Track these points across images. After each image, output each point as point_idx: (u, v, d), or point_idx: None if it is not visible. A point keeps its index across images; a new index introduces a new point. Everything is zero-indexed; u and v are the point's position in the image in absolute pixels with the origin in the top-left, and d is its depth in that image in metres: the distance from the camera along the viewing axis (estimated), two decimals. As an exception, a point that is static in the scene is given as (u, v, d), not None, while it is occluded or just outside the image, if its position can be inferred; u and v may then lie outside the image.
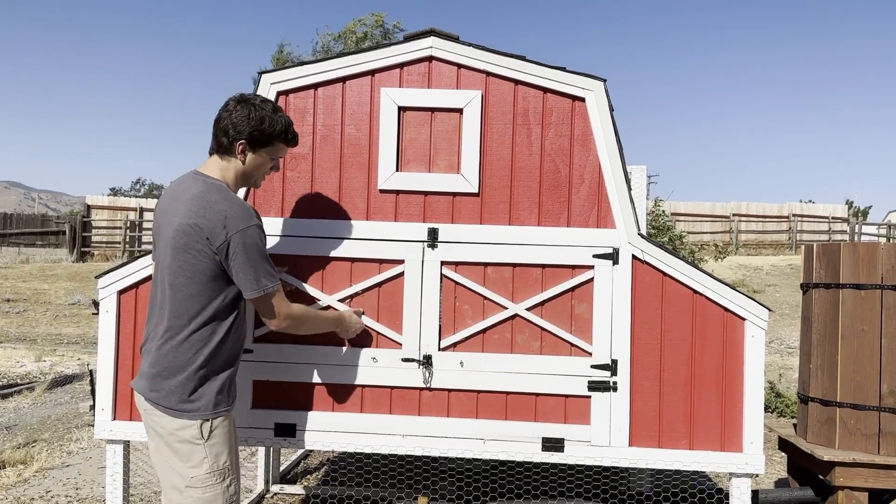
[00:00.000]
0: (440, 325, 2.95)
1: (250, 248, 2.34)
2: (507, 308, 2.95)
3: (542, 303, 2.95)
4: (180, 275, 2.35)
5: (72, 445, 6.05)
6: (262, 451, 4.54)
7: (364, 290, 2.97)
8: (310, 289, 2.97)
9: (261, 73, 3.01)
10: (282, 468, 4.97)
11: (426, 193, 2.99)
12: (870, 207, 35.83)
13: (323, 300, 2.97)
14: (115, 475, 3.02)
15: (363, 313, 2.94)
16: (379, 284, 2.97)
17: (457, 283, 2.96)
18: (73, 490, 4.94)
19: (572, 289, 2.94)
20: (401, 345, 2.95)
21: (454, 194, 2.98)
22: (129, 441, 3.03)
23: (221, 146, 2.45)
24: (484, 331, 2.96)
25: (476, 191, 2.97)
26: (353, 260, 2.98)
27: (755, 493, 3.22)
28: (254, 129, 2.43)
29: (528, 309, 2.95)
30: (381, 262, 2.97)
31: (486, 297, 2.96)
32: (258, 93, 2.96)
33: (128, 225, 25.94)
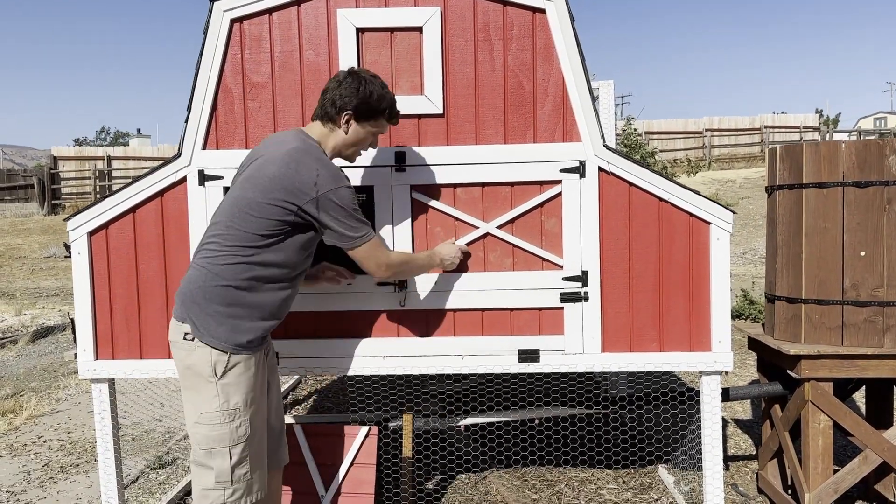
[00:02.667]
0: (413, 248, 2.98)
1: (344, 204, 2.40)
2: (478, 228, 2.98)
3: (513, 220, 2.98)
4: (246, 211, 2.36)
5: (60, 393, 6.11)
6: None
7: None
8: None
9: (213, 1, 2.92)
10: (270, 400, 5.07)
11: (391, 117, 2.96)
12: (839, 115, 36.04)
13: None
14: (102, 413, 3.07)
15: (455, 241, 2.95)
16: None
17: (427, 205, 2.98)
18: (65, 434, 5.02)
19: (541, 204, 2.97)
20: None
21: (419, 116, 2.97)
22: (113, 379, 3.08)
23: (327, 114, 2.50)
24: (456, 250, 2.99)
25: (441, 112, 2.95)
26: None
27: (725, 390, 3.35)
28: (360, 102, 2.47)
29: (499, 227, 2.98)
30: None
31: (456, 218, 2.99)
32: (211, 21, 2.90)
33: (97, 174, 25.48)
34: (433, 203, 2.97)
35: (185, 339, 2.37)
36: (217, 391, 2.35)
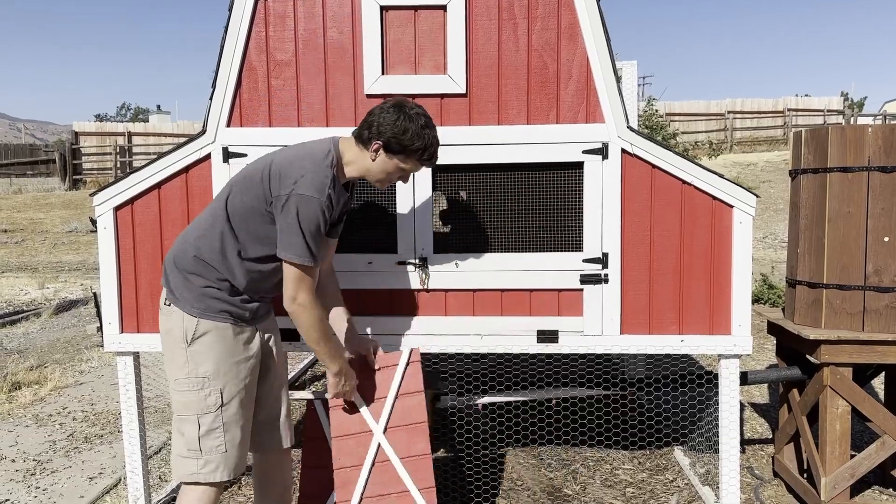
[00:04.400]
0: (433, 233, 2.99)
1: (306, 215, 2.29)
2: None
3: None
4: (247, 204, 2.38)
5: (83, 365, 6.22)
6: (268, 360, 4.67)
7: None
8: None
9: (237, -21, 2.93)
10: (290, 375, 5.14)
11: (413, 96, 2.96)
12: (865, 98, 35.42)
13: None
14: (127, 386, 3.13)
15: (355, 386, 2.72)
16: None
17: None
18: (89, 406, 5.12)
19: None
20: (396, 249, 3.01)
21: (442, 96, 2.97)
22: (137, 353, 3.13)
23: (361, 136, 2.44)
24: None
25: (464, 91, 2.95)
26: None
27: (744, 374, 3.35)
28: (392, 136, 2.39)
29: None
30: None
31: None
32: (236, 2, 2.91)
33: (117, 150, 25.66)
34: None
35: (164, 304, 2.44)
36: (186, 357, 2.38)
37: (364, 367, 2.93)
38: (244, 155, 2.97)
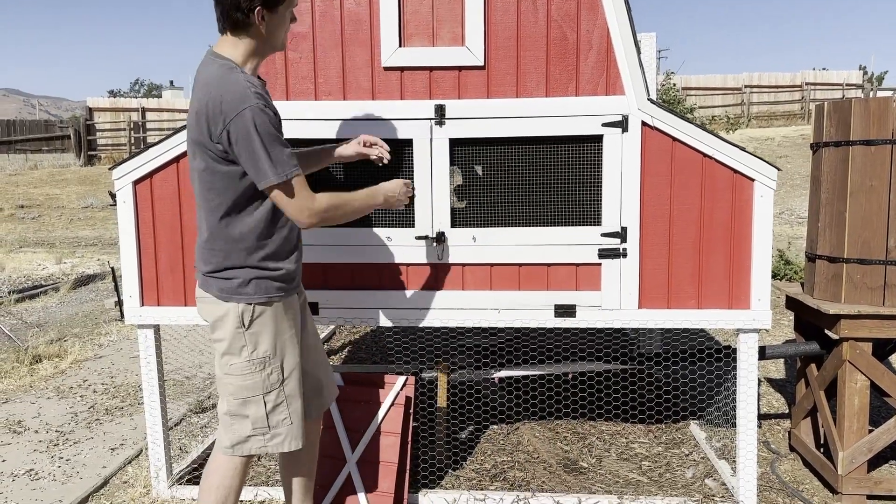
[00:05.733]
0: (451, 206, 2.99)
1: (251, 131, 2.12)
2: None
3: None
4: (200, 168, 2.27)
5: (102, 339, 6.29)
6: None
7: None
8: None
9: (254, -50, 2.90)
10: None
11: (431, 69, 2.95)
12: (885, 72, 34.82)
13: (334, 181, 2.99)
14: (148, 358, 3.17)
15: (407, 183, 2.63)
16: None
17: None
18: (109, 378, 5.19)
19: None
20: (414, 223, 3.00)
21: (460, 68, 2.94)
22: (158, 325, 3.16)
23: (236, 23, 2.20)
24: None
25: (482, 63, 2.92)
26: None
27: (762, 348, 3.34)
28: None
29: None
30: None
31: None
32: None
33: (131, 126, 25.72)
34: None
35: (209, 295, 2.35)
36: (245, 341, 2.33)
37: (354, 393, 3.20)
38: (262, 128, 2.96)
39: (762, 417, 4.19)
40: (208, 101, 2.17)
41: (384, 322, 3.07)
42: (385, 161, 2.67)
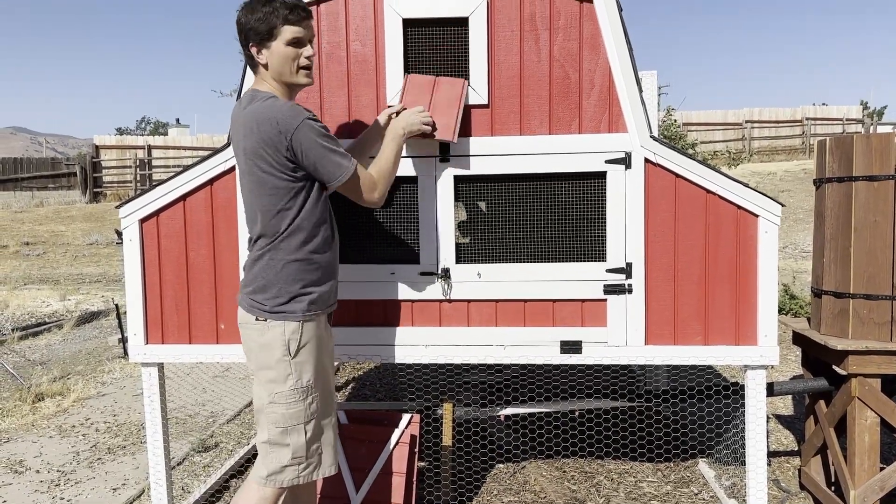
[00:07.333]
0: (454, 241, 3.00)
1: (314, 139, 2.33)
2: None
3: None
4: (259, 193, 2.39)
5: (105, 376, 6.27)
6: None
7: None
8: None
9: (262, -8, 2.96)
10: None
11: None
12: (885, 107, 35.08)
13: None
14: (151, 396, 3.15)
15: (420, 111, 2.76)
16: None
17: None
18: (111, 416, 5.15)
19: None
20: (419, 259, 3.01)
21: (464, 106, 2.97)
22: (162, 363, 3.15)
23: (250, 62, 2.46)
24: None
25: (486, 102, 2.96)
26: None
27: (770, 385, 3.31)
28: (251, 30, 2.38)
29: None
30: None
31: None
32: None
33: (137, 163, 25.95)
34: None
35: (255, 320, 2.41)
36: (291, 369, 2.39)
37: (359, 432, 3.19)
38: (268, 167, 2.98)
39: (772, 455, 4.14)
40: (263, 129, 2.32)
41: (389, 359, 3.06)
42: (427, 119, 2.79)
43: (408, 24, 2.94)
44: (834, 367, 3.28)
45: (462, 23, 2.92)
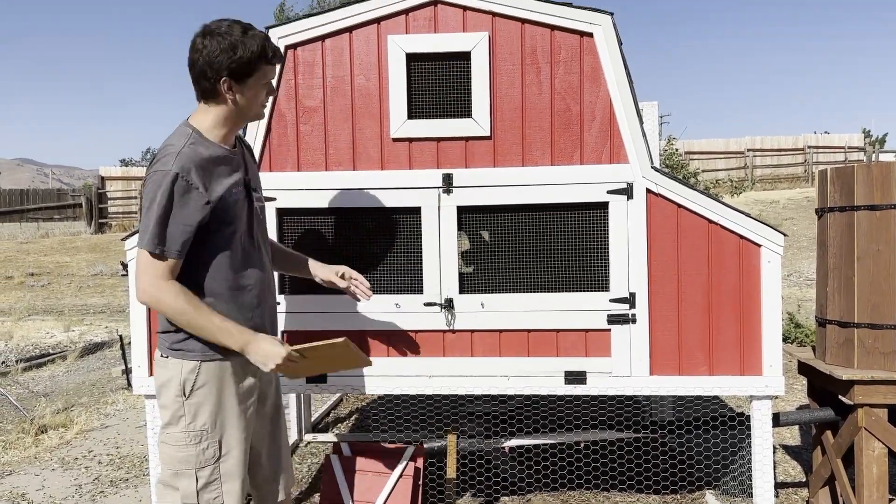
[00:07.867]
0: (458, 271, 3.01)
1: (150, 194, 2.11)
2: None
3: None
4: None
5: (108, 408, 6.24)
6: (293, 402, 4.68)
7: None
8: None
9: (268, 28, 3.01)
10: (313, 418, 5.13)
11: (439, 140, 3.02)
12: (886, 135, 35.23)
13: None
14: (155, 429, 3.14)
15: (299, 355, 2.30)
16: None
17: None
18: (114, 449, 5.13)
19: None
20: (422, 290, 3.02)
21: (467, 139, 3.01)
22: (166, 395, 3.14)
23: (205, 91, 2.21)
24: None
25: (488, 134, 2.99)
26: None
27: (776, 415, 3.29)
28: (230, 63, 2.16)
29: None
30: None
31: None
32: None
33: (142, 194, 26.10)
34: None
35: (160, 356, 2.30)
36: (183, 410, 2.23)
37: (362, 464, 3.19)
38: (273, 199, 3.01)
39: (779, 486, 4.09)
40: (156, 156, 2.20)
41: (392, 391, 3.05)
42: (367, 297, 2.65)
43: (411, 58, 2.99)
44: (840, 396, 3.27)
45: (464, 57, 2.97)
